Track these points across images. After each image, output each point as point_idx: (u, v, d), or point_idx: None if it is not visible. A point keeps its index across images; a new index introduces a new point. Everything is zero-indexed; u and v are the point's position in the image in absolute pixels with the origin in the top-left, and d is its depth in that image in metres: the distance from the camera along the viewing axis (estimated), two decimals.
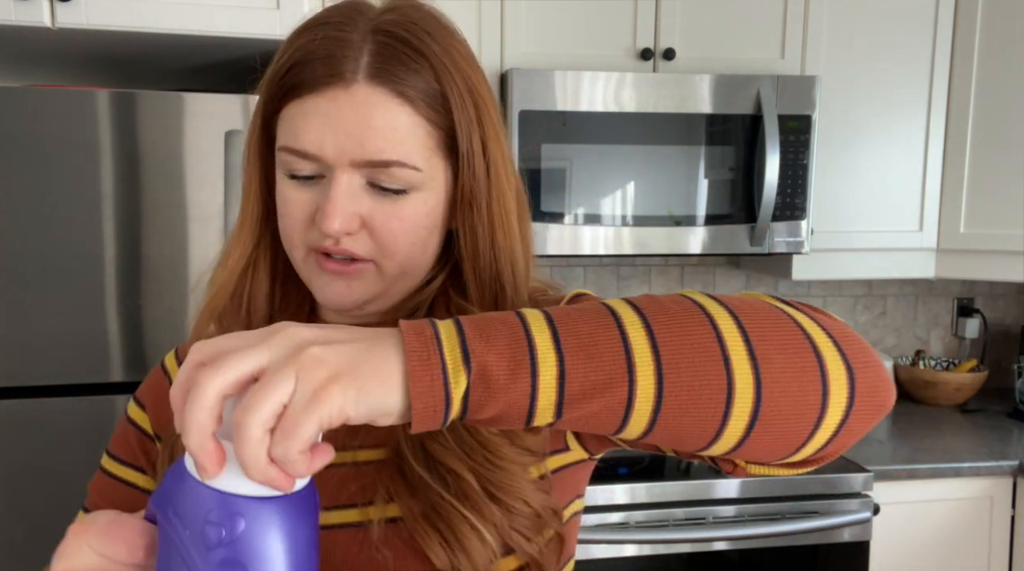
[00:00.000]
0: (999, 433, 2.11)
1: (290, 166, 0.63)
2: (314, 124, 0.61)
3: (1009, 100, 2.07)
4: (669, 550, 1.73)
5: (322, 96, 0.60)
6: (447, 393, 0.45)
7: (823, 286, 2.50)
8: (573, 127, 1.89)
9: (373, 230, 0.64)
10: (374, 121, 0.60)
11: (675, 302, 0.50)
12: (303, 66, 0.61)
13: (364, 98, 0.60)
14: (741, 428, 0.49)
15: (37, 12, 1.54)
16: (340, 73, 0.60)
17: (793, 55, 2.05)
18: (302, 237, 0.65)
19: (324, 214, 0.62)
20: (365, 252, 0.64)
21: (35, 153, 1.48)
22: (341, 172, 0.62)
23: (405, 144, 0.62)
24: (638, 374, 0.47)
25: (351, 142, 0.60)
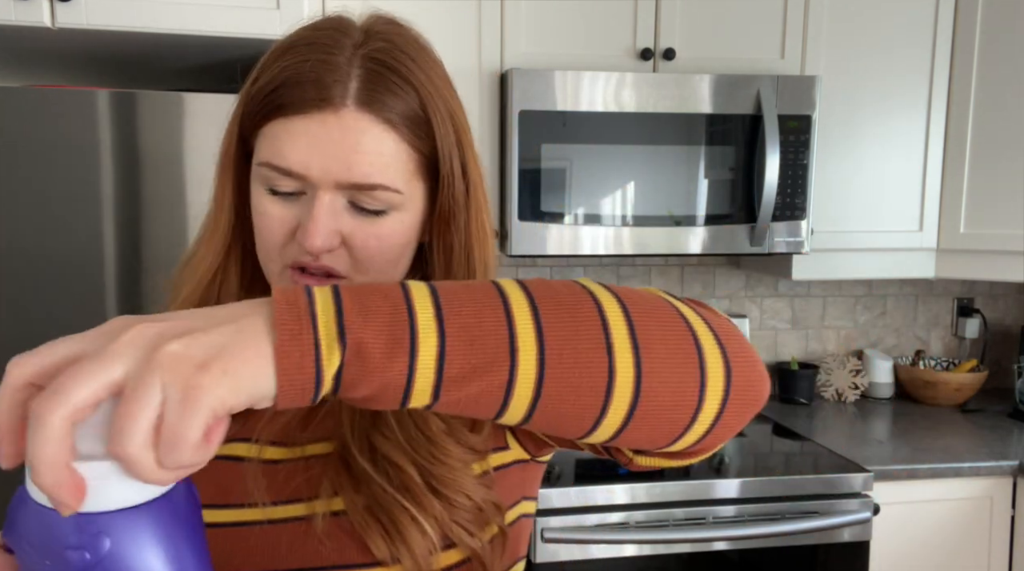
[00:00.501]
0: (999, 433, 2.11)
1: (271, 182, 0.64)
2: (301, 144, 0.62)
3: (1009, 100, 2.07)
4: (669, 550, 1.73)
5: (311, 119, 0.62)
6: (318, 370, 0.42)
7: (823, 286, 2.50)
8: (573, 127, 1.89)
9: (352, 248, 0.65)
10: (361, 146, 0.62)
11: (566, 287, 0.51)
12: (291, 88, 0.62)
13: (353, 123, 0.62)
14: (620, 416, 0.49)
15: (37, 12, 1.54)
16: (329, 98, 0.61)
17: (793, 55, 2.05)
18: (280, 252, 0.66)
19: (307, 232, 0.63)
20: (342, 268, 0.66)
21: (35, 153, 1.48)
22: (324, 191, 0.63)
23: (390, 169, 0.64)
24: (520, 357, 0.46)
25: (337, 164, 0.62)
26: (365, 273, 0.66)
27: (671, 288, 2.42)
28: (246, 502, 0.66)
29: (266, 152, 0.64)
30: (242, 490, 0.66)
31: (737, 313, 2.44)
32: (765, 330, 2.49)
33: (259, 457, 0.67)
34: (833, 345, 2.53)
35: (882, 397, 2.45)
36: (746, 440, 2.06)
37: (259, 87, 0.64)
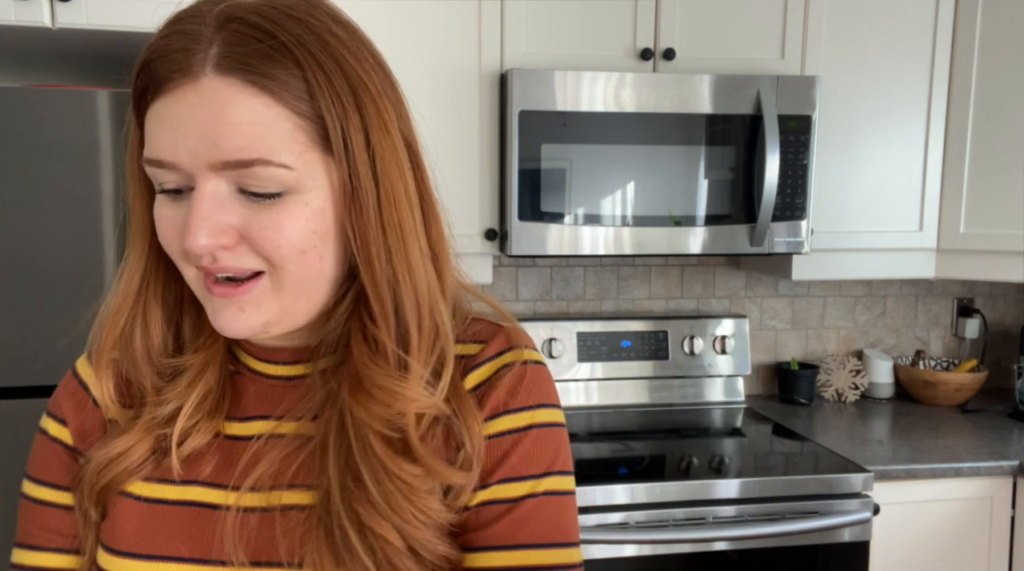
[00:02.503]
0: (999, 433, 2.11)
1: (157, 180, 0.58)
2: (165, 129, 0.55)
3: (1009, 100, 2.07)
4: (669, 550, 1.73)
5: (171, 96, 0.55)
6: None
7: (823, 286, 2.50)
8: (573, 127, 1.89)
9: (252, 241, 0.57)
10: (227, 116, 0.54)
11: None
12: (149, 66, 0.56)
13: (213, 92, 0.54)
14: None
15: (37, 12, 1.54)
16: (186, 67, 0.54)
17: (793, 55, 2.05)
18: (182, 255, 0.59)
19: (187, 230, 0.55)
20: (252, 264, 0.58)
21: (35, 153, 1.48)
22: (203, 180, 0.55)
23: (267, 139, 0.55)
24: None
25: (203, 143, 0.54)
26: (281, 269, 0.58)
27: (671, 288, 2.42)
28: (223, 559, 0.63)
29: (144, 149, 0.57)
30: (217, 543, 0.63)
31: (737, 313, 2.44)
32: (765, 330, 2.49)
33: (237, 505, 0.63)
34: (833, 345, 2.53)
35: (882, 397, 2.45)
36: (746, 440, 2.06)
37: (132, 76, 0.58)
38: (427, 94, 1.90)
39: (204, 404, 0.66)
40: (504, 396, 0.65)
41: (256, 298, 0.59)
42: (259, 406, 0.68)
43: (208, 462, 0.66)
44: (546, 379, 0.68)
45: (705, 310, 2.44)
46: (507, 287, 2.34)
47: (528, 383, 0.66)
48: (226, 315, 0.59)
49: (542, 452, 0.65)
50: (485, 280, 2.02)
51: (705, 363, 2.33)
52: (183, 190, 0.57)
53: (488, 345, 0.67)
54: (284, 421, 0.66)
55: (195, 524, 0.65)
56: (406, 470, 0.60)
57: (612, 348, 2.28)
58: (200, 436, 0.65)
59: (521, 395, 0.66)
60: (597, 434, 2.08)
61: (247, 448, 0.65)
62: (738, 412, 2.30)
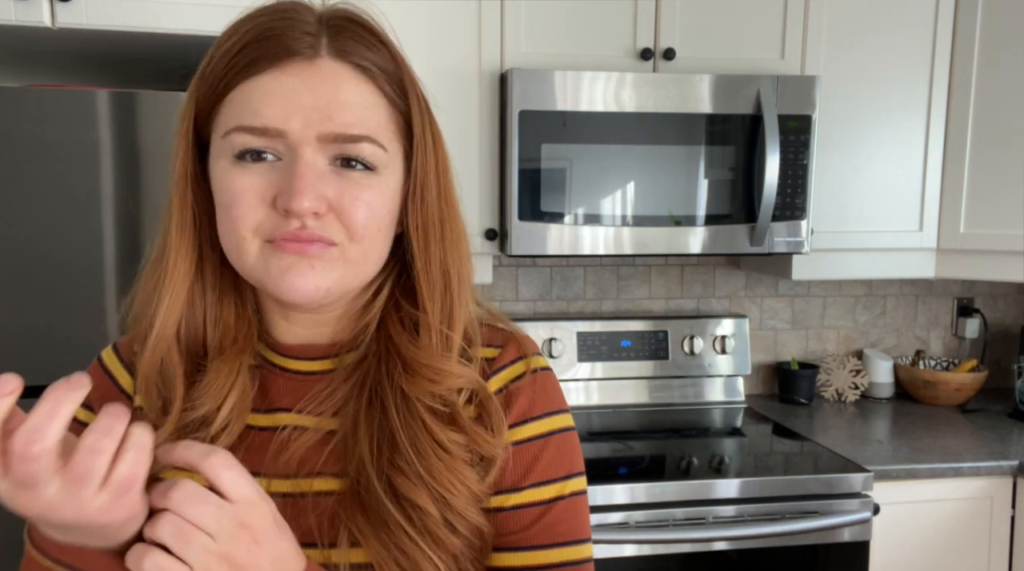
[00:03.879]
0: (999, 433, 2.11)
1: (243, 146, 0.59)
2: (277, 98, 0.58)
3: (1009, 100, 2.07)
4: (669, 550, 1.73)
5: (283, 71, 0.58)
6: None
7: (823, 286, 2.50)
8: (573, 127, 1.89)
9: (341, 212, 0.61)
10: (341, 95, 0.59)
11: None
12: (259, 44, 0.59)
13: (331, 72, 0.59)
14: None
15: (37, 12, 1.53)
16: (301, 50, 0.58)
17: (793, 55, 2.05)
18: (255, 226, 0.61)
19: (293, 191, 0.58)
20: (335, 236, 0.61)
21: (35, 153, 1.48)
22: (306, 148, 0.59)
23: (372, 120, 0.61)
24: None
25: (318, 115, 0.58)
26: (359, 241, 0.62)
27: (671, 288, 2.42)
28: None
29: (234, 117, 0.59)
30: None
31: (737, 313, 2.44)
32: (765, 330, 2.49)
33: (267, 491, 0.65)
34: (833, 345, 2.53)
35: (882, 397, 2.45)
36: (746, 440, 2.06)
37: (216, 63, 0.61)
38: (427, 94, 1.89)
39: (237, 407, 0.67)
40: (527, 404, 0.69)
41: (326, 260, 0.61)
42: (283, 399, 0.69)
43: (234, 452, 0.66)
44: (557, 385, 0.73)
45: (705, 310, 2.44)
46: (507, 287, 2.34)
47: (545, 390, 0.71)
48: (297, 271, 0.60)
49: (565, 456, 0.70)
50: (485, 280, 2.02)
51: (705, 363, 2.33)
52: (267, 158, 0.60)
53: (504, 351, 0.71)
54: (305, 415, 0.67)
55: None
56: (453, 439, 0.64)
57: (612, 348, 2.28)
58: (229, 436, 0.66)
59: (541, 402, 0.70)
60: (597, 434, 2.08)
61: (273, 438, 0.67)
62: (738, 412, 2.30)
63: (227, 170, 0.61)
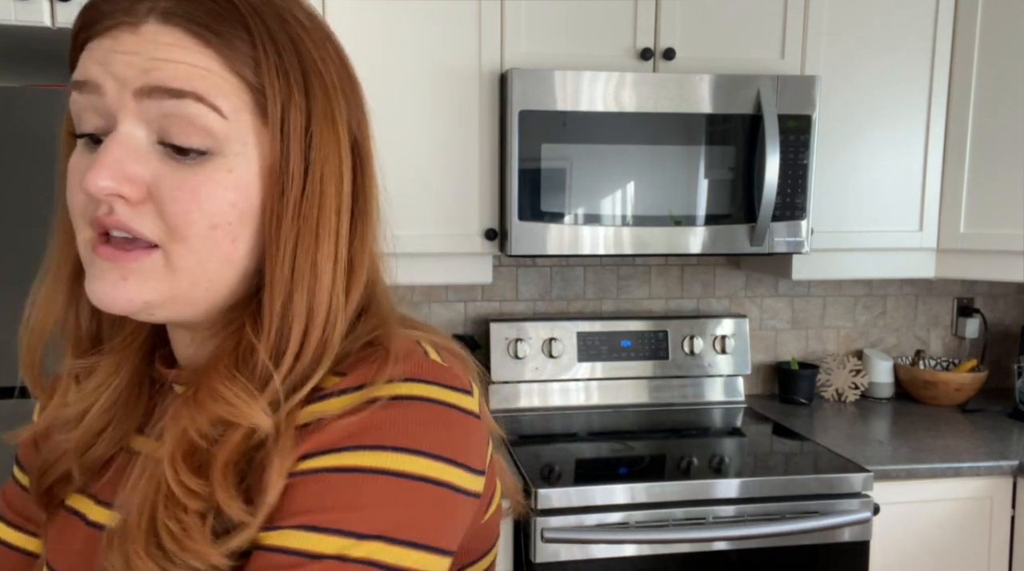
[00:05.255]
0: (999, 433, 2.11)
1: (77, 120, 0.54)
2: (95, 57, 0.52)
3: (1009, 100, 2.07)
4: (669, 550, 1.73)
5: (108, 37, 0.52)
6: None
7: (823, 286, 2.50)
8: (573, 127, 1.89)
9: (160, 202, 0.51)
10: (162, 53, 0.51)
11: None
12: (92, 7, 0.54)
13: (152, 37, 0.51)
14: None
15: (37, 12, 1.54)
16: (129, 10, 0.52)
17: (793, 55, 2.05)
18: (81, 210, 0.53)
19: (90, 168, 0.50)
20: (150, 232, 0.51)
21: (35, 153, 1.48)
22: (124, 118, 0.51)
23: (203, 81, 0.51)
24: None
25: (134, 70, 0.51)
26: (182, 241, 0.52)
27: (671, 288, 2.42)
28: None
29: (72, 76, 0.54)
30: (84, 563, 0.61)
31: (737, 313, 2.44)
32: (765, 330, 2.49)
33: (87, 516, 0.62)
34: (833, 345, 2.53)
35: (882, 397, 2.45)
36: (746, 440, 2.06)
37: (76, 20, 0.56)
38: (427, 94, 1.90)
39: (111, 411, 0.61)
40: (336, 434, 0.52)
41: (144, 270, 0.52)
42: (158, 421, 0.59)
43: (104, 476, 0.63)
44: (417, 418, 0.53)
45: (705, 310, 2.44)
46: (507, 287, 2.34)
47: (379, 420, 0.52)
48: (106, 281, 0.52)
49: (368, 504, 0.50)
50: (485, 280, 2.02)
51: (705, 363, 2.33)
52: (95, 134, 0.53)
53: (347, 377, 0.54)
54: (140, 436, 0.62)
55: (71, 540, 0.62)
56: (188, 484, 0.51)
57: (612, 348, 2.28)
58: (103, 447, 0.61)
59: (359, 433, 0.51)
60: (597, 434, 2.08)
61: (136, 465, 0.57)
62: (738, 412, 2.30)
63: (73, 148, 0.55)
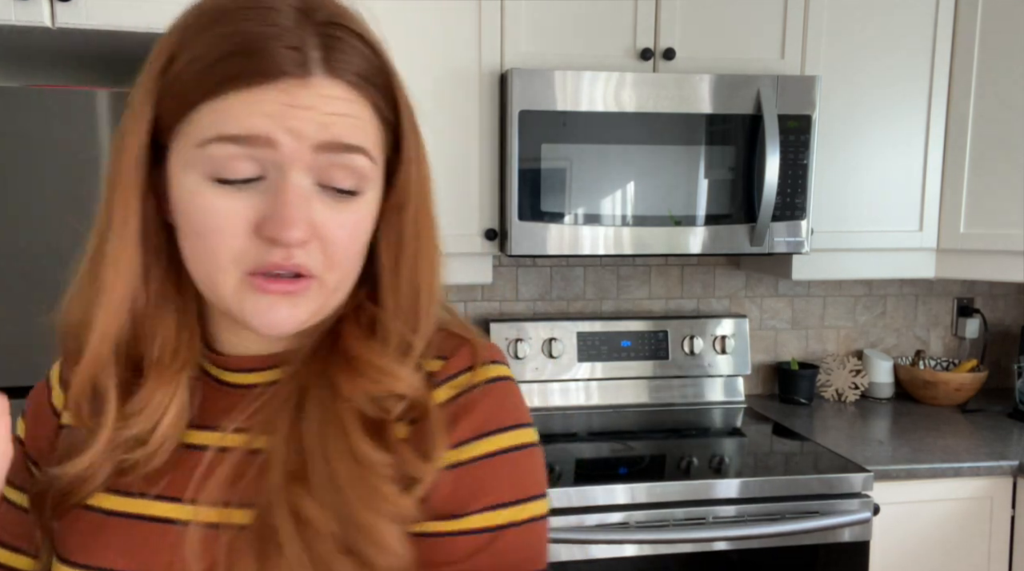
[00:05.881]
0: (999, 433, 2.11)
1: (220, 166, 0.54)
2: (266, 108, 0.53)
3: (1009, 100, 2.07)
4: (669, 550, 1.73)
5: (273, 87, 0.53)
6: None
7: (823, 286, 2.50)
8: (573, 127, 1.89)
9: (324, 241, 0.56)
10: (336, 108, 0.55)
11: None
12: (242, 58, 0.53)
13: (324, 91, 0.54)
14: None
15: (37, 12, 1.54)
16: (291, 69, 0.53)
17: (793, 55, 2.05)
18: (236, 257, 0.56)
19: (282, 220, 0.53)
20: (315, 267, 0.57)
21: (35, 153, 1.48)
22: (293, 168, 0.54)
23: (366, 133, 0.57)
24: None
25: (313, 125, 0.54)
26: (335, 271, 0.58)
27: (671, 288, 2.42)
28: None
29: (214, 126, 0.53)
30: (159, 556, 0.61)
31: (737, 313, 2.44)
32: (765, 330, 2.49)
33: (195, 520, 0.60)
34: (833, 345, 2.53)
35: (882, 397, 2.45)
36: (746, 440, 2.06)
37: (186, 67, 0.55)
38: (427, 94, 1.90)
39: (173, 424, 0.63)
40: (479, 419, 0.62)
41: (308, 297, 0.58)
42: (215, 415, 0.64)
43: (163, 473, 0.63)
44: (518, 396, 0.65)
45: (705, 310, 2.44)
46: (507, 287, 2.34)
47: (502, 403, 0.63)
48: (279, 312, 0.57)
49: (522, 476, 0.62)
50: (485, 280, 2.02)
51: (705, 363, 2.33)
52: (249, 180, 0.55)
53: (452, 360, 0.64)
54: (231, 434, 0.63)
55: (137, 537, 0.62)
56: (373, 453, 0.58)
57: (612, 348, 2.28)
58: (163, 455, 0.63)
59: (496, 416, 0.62)
60: (597, 434, 2.08)
61: (200, 460, 0.62)
62: (738, 412, 2.30)
63: (200, 189, 0.55)
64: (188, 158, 0.55)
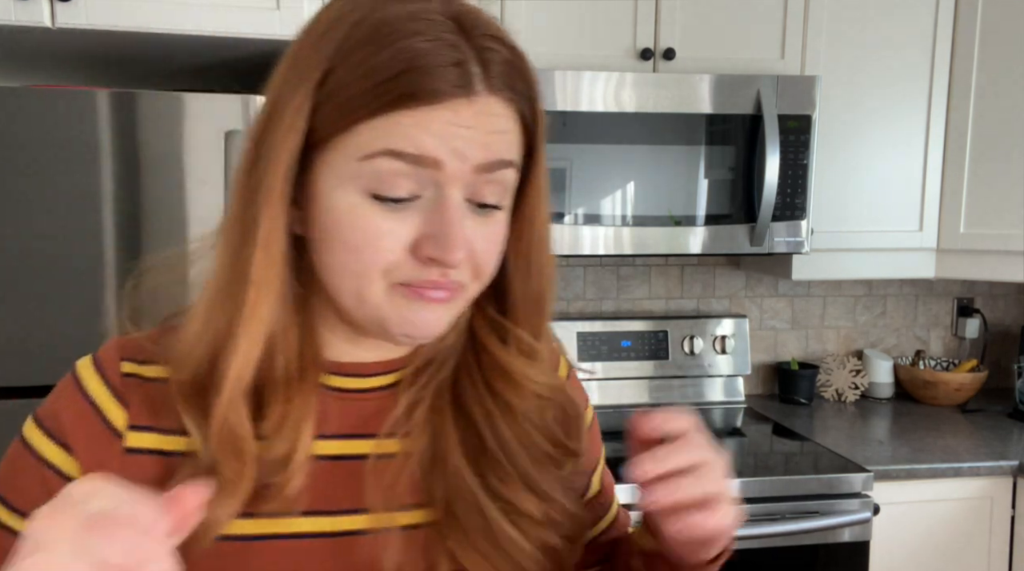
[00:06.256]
0: (999, 433, 2.11)
1: (383, 182, 0.54)
2: (434, 127, 0.54)
3: (1009, 100, 2.07)
4: None
5: (441, 106, 0.54)
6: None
7: (823, 286, 2.50)
8: (573, 127, 1.89)
9: (474, 254, 0.58)
10: (495, 124, 0.56)
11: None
12: (411, 77, 0.53)
13: (487, 108, 0.56)
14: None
15: (37, 12, 1.54)
16: (457, 88, 0.54)
17: (793, 55, 2.05)
18: (387, 270, 0.56)
19: (445, 242, 0.55)
20: (465, 279, 0.59)
21: (35, 153, 1.48)
22: (453, 188, 0.56)
23: (516, 146, 0.59)
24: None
25: (475, 145, 0.55)
26: (479, 281, 0.61)
27: (671, 288, 2.42)
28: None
29: (380, 140, 0.53)
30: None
31: (737, 313, 2.44)
32: (765, 330, 2.49)
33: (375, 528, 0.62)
34: (833, 345, 2.53)
35: (882, 397, 2.45)
36: (746, 440, 2.06)
37: (350, 81, 0.54)
38: None
39: (309, 440, 0.62)
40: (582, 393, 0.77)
41: (456, 301, 0.60)
42: (345, 423, 0.64)
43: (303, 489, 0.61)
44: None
45: (705, 310, 2.44)
46: None
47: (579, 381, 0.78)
48: (429, 316, 0.59)
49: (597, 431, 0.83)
50: None
51: (705, 363, 2.33)
52: (403, 199, 0.55)
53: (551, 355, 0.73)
54: (386, 440, 0.64)
55: (291, 558, 0.61)
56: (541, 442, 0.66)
57: (612, 348, 2.27)
58: (302, 472, 0.60)
59: (582, 391, 0.77)
60: None
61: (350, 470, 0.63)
62: (738, 412, 2.30)
63: (358, 204, 0.55)
64: (346, 171, 0.55)
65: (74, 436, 0.60)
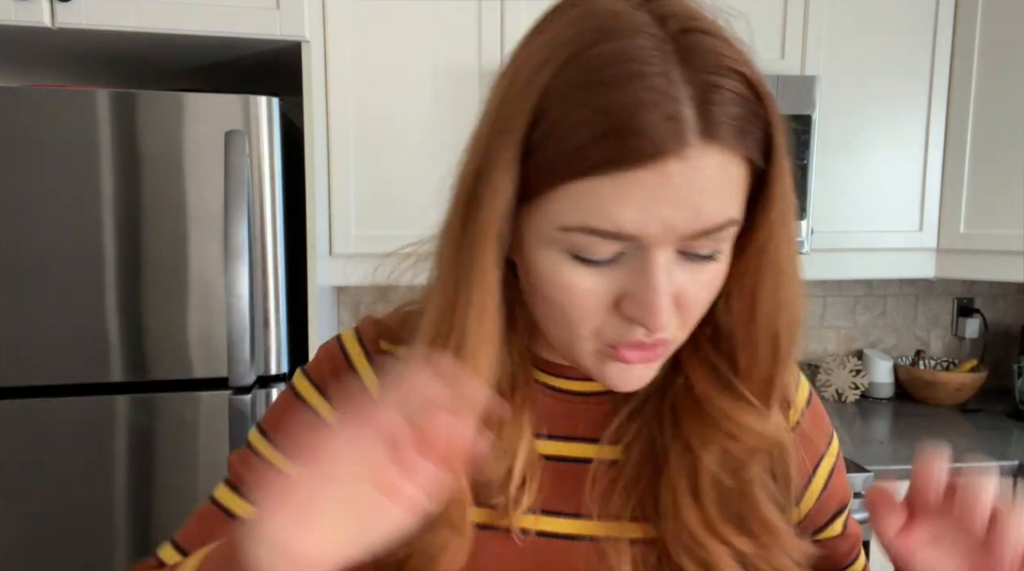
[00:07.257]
0: (999, 433, 2.11)
1: (582, 248, 0.51)
2: (635, 201, 0.48)
3: (1009, 100, 2.07)
4: None
5: (647, 171, 0.48)
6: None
7: (823, 286, 2.50)
8: None
9: (683, 307, 0.54)
10: (709, 183, 0.49)
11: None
12: (621, 138, 0.47)
13: (700, 163, 0.48)
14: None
15: (37, 12, 1.54)
16: (669, 145, 0.47)
17: (793, 55, 2.05)
18: (595, 331, 0.54)
19: (650, 308, 0.51)
20: (672, 333, 0.55)
21: (35, 153, 1.48)
22: (658, 250, 0.50)
23: (736, 199, 0.51)
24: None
25: (683, 215, 0.49)
26: (686, 329, 0.56)
27: None
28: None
29: (578, 213, 0.50)
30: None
31: None
32: None
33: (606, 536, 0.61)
34: (833, 345, 2.53)
35: (882, 397, 2.45)
36: None
37: (551, 138, 0.49)
38: (427, 94, 1.90)
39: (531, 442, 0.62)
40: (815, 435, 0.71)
41: (663, 356, 0.57)
42: (562, 423, 0.64)
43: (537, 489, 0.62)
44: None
45: None
46: None
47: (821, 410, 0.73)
48: (635, 374, 0.56)
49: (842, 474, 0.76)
50: None
51: None
52: (610, 259, 0.52)
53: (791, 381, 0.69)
54: (608, 446, 0.63)
55: (534, 556, 0.61)
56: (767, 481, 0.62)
57: None
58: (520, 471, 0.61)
59: (824, 425, 0.73)
60: None
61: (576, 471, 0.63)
62: None
63: (559, 263, 0.52)
64: (547, 236, 0.52)
65: (333, 390, 0.65)
